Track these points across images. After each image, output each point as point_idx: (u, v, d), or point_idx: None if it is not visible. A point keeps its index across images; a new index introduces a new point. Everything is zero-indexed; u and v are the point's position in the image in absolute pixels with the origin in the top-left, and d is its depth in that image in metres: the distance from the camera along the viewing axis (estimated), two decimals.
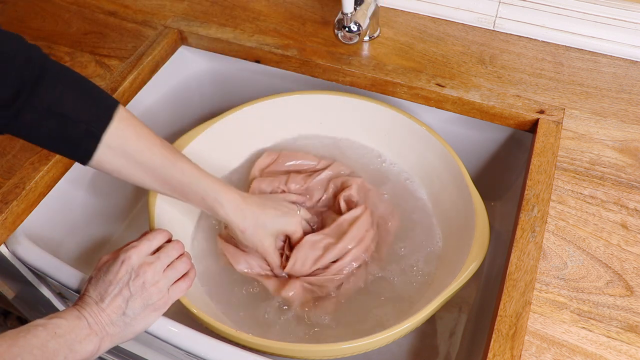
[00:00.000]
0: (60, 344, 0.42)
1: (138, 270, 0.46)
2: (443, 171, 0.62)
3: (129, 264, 0.46)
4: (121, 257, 0.47)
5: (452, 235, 0.59)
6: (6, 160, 0.55)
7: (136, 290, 0.46)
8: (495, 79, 0.64)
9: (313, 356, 0.47)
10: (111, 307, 0.45)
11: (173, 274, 0.49)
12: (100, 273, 0.47)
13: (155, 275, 0.47)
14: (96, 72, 0.65)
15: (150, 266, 0.47)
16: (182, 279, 0.50)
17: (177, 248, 0.50)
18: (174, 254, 0.49)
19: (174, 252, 0.50)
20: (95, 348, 0.44)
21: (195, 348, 0.46)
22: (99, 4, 0.75)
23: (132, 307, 0.46)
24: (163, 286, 0.47)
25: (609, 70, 0.65)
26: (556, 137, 0.57)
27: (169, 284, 0.48)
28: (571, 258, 0.48)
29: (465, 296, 0.66)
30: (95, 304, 0.45)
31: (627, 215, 0.51)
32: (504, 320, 0.44)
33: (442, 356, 0.63)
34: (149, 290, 0.46)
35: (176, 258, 0.50)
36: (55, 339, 0.42)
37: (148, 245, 0.48)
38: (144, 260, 0.47)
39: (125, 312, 0.45)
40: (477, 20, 0.70)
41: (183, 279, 0.50)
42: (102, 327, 0.44)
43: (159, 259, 0.48)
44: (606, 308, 0.45)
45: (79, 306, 0.45)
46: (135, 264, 0.47)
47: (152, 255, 0.48)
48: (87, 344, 0.43)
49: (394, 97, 0.65)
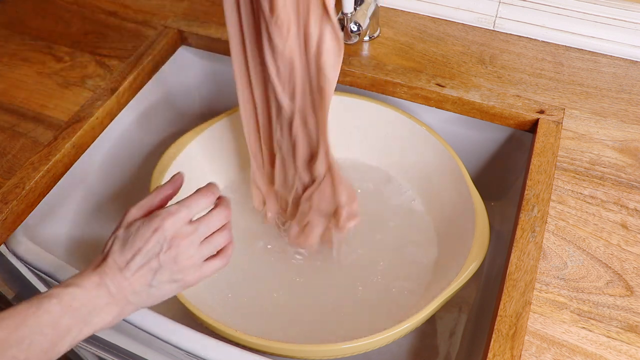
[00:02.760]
0: (75, 318, 0.38)
1: (171, 241, 0.41)
2: (443, 171, 0.62)
3: (162, 234, 0.41)
4: (154, 224, 0.41)
5: (452, 235, 0.59)
6: (6, 160, 0.55)
7: (166, 262, 0.41)
8: (495, 79, 0.64)
9: (313, 356, 0.47)
10: (136, 276, 0.41)
11: (209, 249, 0.44)
12: (128, 234, 0.41)
13: (189, 248, 0.42)
14: (96, 72, 0.65)
15: (185, 240, 0.42)
16: (218, 255, 0.45)
17: (220, 218, 0.44)
18: (215, 225, 0.44)
19: (215, 223, 0.44)
20: (113, 318, 0.40)
21: (195, 348, 0.46)
22: (99, 4, 0.75)
23: (159, 279, 0.41)
24: (196, 261, 0.43)
25: (609, 70, 0.65)
26: (556, 137, 0.57)
27: (203, 259, 0.43)
28: (571, 258, 0.48)
29: (465, 296, 0.66)
30: (119, 271, 0.40)
31: (627, 215, 0.51)
32: (504, 320, 0.44)
33: (442, 356, 0.63)
34: (180, 265, 0.42)
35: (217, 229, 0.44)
36: (69, 314, 0.38)
37: (187, 214, 0.42)
38: (180, 231, 0.42)
39: (151, 283, 0.41)
40: (477, 20, 0.70)
41: (219, 255, 0.45)
42: (124, 296, 0.40)
43: (196, 231, 0.42)
44: (606, 308, 0.45)
45: (101, 271, 0.40)
46: (168, 234, 0.41)
47: (189, 224, 0.43)
48: (106, 314, 0.40)
49: (394, 97, 0.65)
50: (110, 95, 0.61)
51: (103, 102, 0.61)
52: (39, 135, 0.57)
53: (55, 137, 0.57)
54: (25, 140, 0.57)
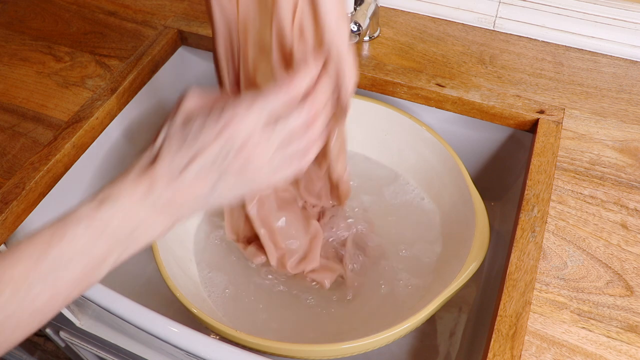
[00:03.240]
0: (112, 241, 0.32)
1: (242, 148, 0.33)
2: (443, 171, 0.62)
3: (230, 137, 0.33)
4: (221, 122, 0.33)
5: (452, 235, 0.59)
6: (6, 160, 0.55)
7: (232, 170, 0.33)
8: (495, 79, 0.64)
9: (313, 356, 0.47)
10: (192, 186, 0.33)
11: (284, 156, 0.35)
12: (186, 133, 0.33)
13: (261, 156, 0.34)
14: (96, 72, 0.65)
15: (259, 147, 0.33)
16: (296, 157, 0.36)
17: (305, 116, 0.35)
18: (297, 124, 0.35)
19: (298, 121, 0.35)
20: (162, 231, 0.34)
21: (195, 348, 0.46)
22: (99, 4, 0.75)
23: (221, 187, 0.34)
24: (269, 169, 0.35)
25: (609, 70, 0.65)
26: (556, 137, 0.57)
27: (277, 166, 0.35)
28: (571, 258, 0.48)
29: (465, 296, 0.66)
30: (172, 181, 0.33)
31: (627, 215, 0.51)
32: (504, 320, 0.44)
33: (442, 356, 0.63)
34: (247, 175, 0.34)
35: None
36: (104, 238, 0.31)
37: (261, 112, 0.33)
38: (252, 136, 0.33)
39: (211, 192, 0.34)
40: (477, 20, 0.70)
41: (298, 158, 0.36)
42: (177, 207, 0.33)
43: (273, 134, 0.34)
44: (606, 308, 0.45)
45: (149, 181, 0.33)
46: (238, 139, 0.33)
47: (264, 128, 0.34)
48: (152, 230, 0.33)
49: (394, 97, 0.65)
50: (110, 95, 0.61)
51: (103, 102, 0.61)
52: (39, 135, 0.57)
53: (55, 137, 0.57)
54: (25, 140, 0.57)
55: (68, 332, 0.70)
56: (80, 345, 0.70)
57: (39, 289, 0.30)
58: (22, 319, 0.31)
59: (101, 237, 0.31)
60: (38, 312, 0.31)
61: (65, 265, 0.31)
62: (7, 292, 0.29)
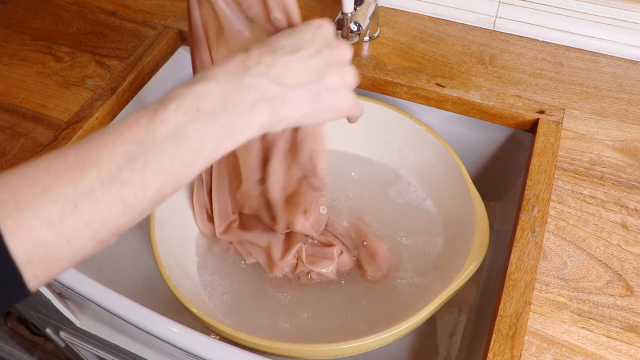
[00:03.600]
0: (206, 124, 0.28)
1: (336, 42, 0.34)
2: (443, 171, 0.62)
3: (326, 31, 0.33)
4: (314, 23, 0.33)
5: (452, 235, 0.59)
6: (6, 160, 0.55)
7: (334, 60, 0.33)
8: (495, 79, 0.64)
9: (313, 356, 0.47)
10: (297, 66, 0.31)
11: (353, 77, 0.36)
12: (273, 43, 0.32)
13: (346, 54, 0.35)
14: (96, 72, 0.65)
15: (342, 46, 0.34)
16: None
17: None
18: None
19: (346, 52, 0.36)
20: (265, 120, 0.30)
21: (195, 348, 0.46)
22: (99, 4, 0.75)
23: (328, 78, 0.32)
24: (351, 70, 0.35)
25: (609, 70, 0.65)
26: (556, 137, 0.57)
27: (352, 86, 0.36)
28: (571, 258, 0.48)
29: (465, 296, 0.66)
30: (271, 52, 0.30)
31: (627, 215, 0.51)
32: (504, 320, 0.44)
33: (442, 356, 0.63)
34: (346, 70, 0.34)
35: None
36: (198, 120, 0.27)
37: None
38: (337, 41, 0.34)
39: (318, 80, 0.32)
40: (477, 20, 0.70)
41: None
42: (280, 89, 0.30)
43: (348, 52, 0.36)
44: (606, 308, 0.45)
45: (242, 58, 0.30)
46: (331, 34, 0.34)
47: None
48: (253, 116, 0.29)
49: (394, 97, 0.65)
50: (110, 95, 0.61)
51: (103, 102, 0.61)
52: (39, 135, 0.57)
53: (55, 137, 0.57)
54: (25, 140, 0.57)
55: (68, 332, 0.70)
56: (80, 345, 0.70)
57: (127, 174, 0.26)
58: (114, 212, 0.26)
59: (194, 118, 0.27)
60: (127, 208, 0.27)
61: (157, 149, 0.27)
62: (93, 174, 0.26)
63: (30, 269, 0.24)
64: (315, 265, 0.57)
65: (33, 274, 0.25)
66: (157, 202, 0.28)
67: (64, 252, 0.25)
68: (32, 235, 0.24)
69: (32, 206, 0.25)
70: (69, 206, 0.25)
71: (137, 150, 0.26)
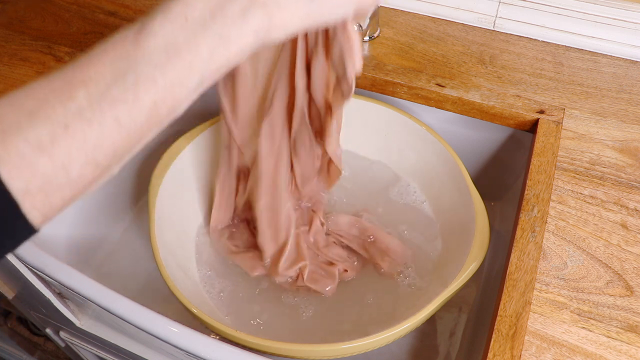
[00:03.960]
0: (196, 34, 0.26)
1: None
2: (443, 171, 0.62)
3: None
4: None
5: (452, 235, 0.59)
6: None
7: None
8: (495, 79, 0.64)
9: (313, 356, 0.47)
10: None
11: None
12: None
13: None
14: None
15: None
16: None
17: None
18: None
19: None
20: (259, 26, 0.28)
21: (195, 348, 0.46)
22: (99, 4, 0.75)
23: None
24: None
25: (609, 70, 0.65)
26: (556, 137, 0.57)
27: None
28: (571, 258, 0.48)
29: (465, 296, 0.66)
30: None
31: (627, 215, 0.51)
32: (504, 320, 0.44)
33: (442, 356, 0.63)
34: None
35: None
36: (187, 29, 0.26)
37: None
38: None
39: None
40: (477, 20, 0.70)
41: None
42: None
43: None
44: (606, 308, 0.45)
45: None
46: None
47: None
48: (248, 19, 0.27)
49: (394, 97, 0.65)
50: None
51: None
52: None
53: None
54: None
55: (68, 332, 0.70)
56: (80, 345, 0.70)
57: (117, 91, 0.25)
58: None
59: (183, 27, 0.26)
60: (122, 127, 0.26)
61: (147, 63, 0.26)
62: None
63: (29, 200, 0.24)
64: (316, 283, 0.58)
65: (32, 205, 0.24)
66: (156, 123, 0.27)
67: (61, 178, 0.24)
68: (23, 161, 0.23)
69: (19, 131, 0.23)
70: (59, 128, 0.24)
71: (126, 65, 0.25)
